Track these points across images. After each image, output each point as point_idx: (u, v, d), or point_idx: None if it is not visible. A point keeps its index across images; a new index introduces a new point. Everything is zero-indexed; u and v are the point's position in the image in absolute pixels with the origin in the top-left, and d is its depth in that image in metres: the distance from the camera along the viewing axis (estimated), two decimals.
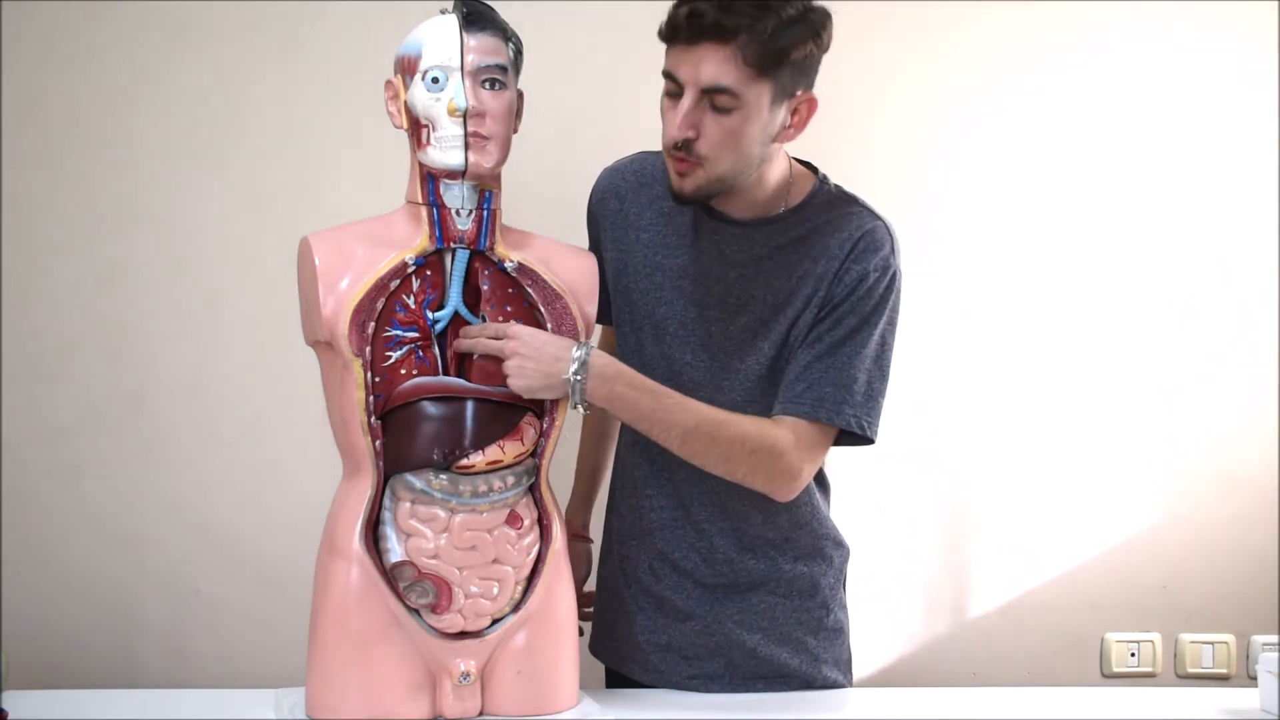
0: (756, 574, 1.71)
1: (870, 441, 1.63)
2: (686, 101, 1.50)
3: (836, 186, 1.69)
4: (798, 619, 1.74)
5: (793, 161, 1.69)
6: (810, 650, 1.75)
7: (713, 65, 1.47)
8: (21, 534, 2.19)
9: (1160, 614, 2.38)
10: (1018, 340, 2.35)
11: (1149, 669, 2.38)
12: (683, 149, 1.53)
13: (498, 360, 1.54)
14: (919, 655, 2.35)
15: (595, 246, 1.77)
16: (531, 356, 1.51)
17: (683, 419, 1.56)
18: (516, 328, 1.53)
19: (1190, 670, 2.38)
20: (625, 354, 1.71)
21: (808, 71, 1.54)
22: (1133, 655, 2.38)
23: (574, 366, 1.52)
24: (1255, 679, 1.70)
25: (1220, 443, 2.37)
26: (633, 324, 1.71)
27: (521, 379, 1.51)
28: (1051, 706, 1.76)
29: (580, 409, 1.55)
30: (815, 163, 1.72)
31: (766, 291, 1.64)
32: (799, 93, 1.54)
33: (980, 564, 2.37)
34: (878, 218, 1.64)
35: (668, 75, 1.53)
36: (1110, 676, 2.38)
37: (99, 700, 1.66)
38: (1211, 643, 2.38)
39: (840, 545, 1.79)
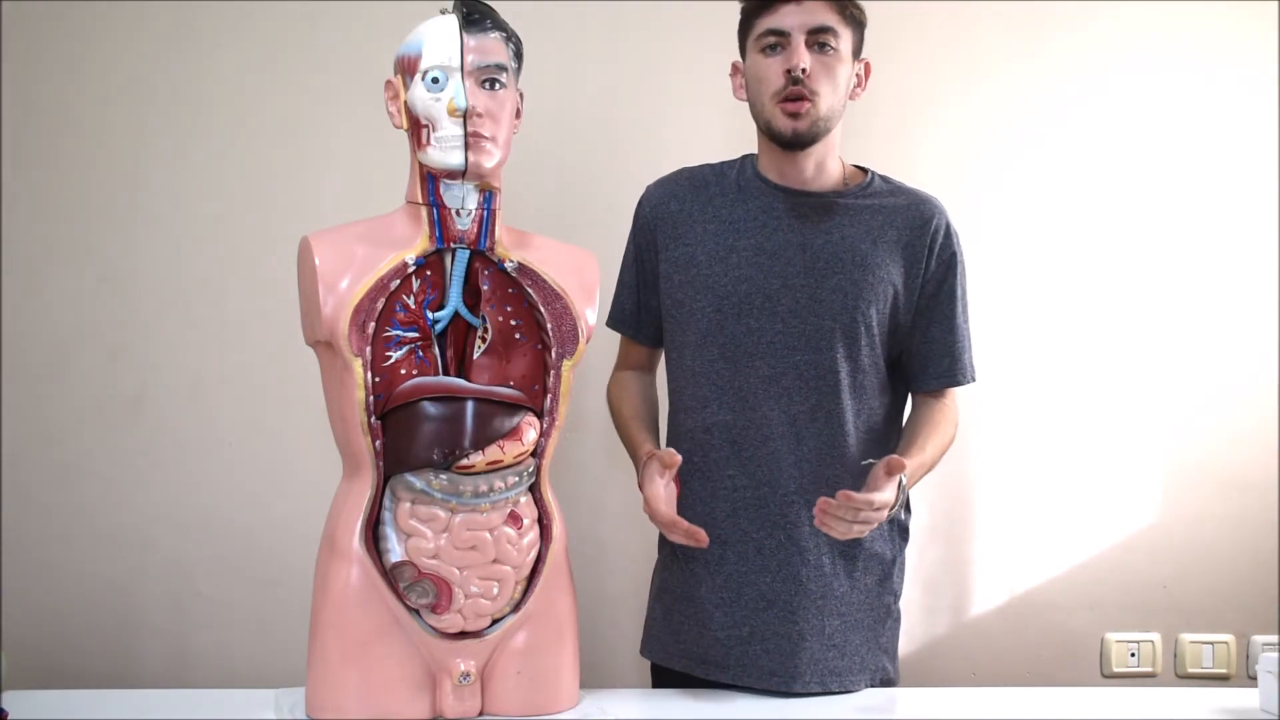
0: (839, 552, 1.74)
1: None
2: (797, 41, 1.70)
3: (884, 175, 1.85)
4: (869, 605, 1.77)
5: (842, 161, 1.83)
6: (876, 639, 1.78)
7: (817, 10, 1.70)
8: (21, 534, 2.19)
9: (1160, 614, 2.38)
10: (1018, 340, 2.35)
11: (1149, 669, 2.38)
12: (799, 83, 1.69)
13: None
14: (919, 655, 2.35)
15: (645, 254, 1.82)
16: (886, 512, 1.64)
17: (935, 458, 1.78)
18: (878, 499, 1.60)
19: (1190, 670, 2.38)
20: (699, 338, 1.75)
21: (863, 38, 1.78)
22: (1133, 655, 2.38)
23: (903, 490, 1.68)
24: (1255, 679, 1.70)
25: (1220, 443, 2.37)
26: (713, 306, 1.75)
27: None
28: (1051, 706, 1.76)
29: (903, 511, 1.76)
30: None
31: (854, 253, 1.75)
32: (861, 56, 1.78)
33: (980, 564, 2.37)
34: (932, 196, 1.84)
35: (770, 33, 1.71)
36: (1110, 676, 2.38)
37: (99, 700, 1.66)
38: (1211, 643, 2.38)
39: (907, 527, 1.85)
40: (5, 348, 2.19)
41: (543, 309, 1.56)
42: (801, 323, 1.73)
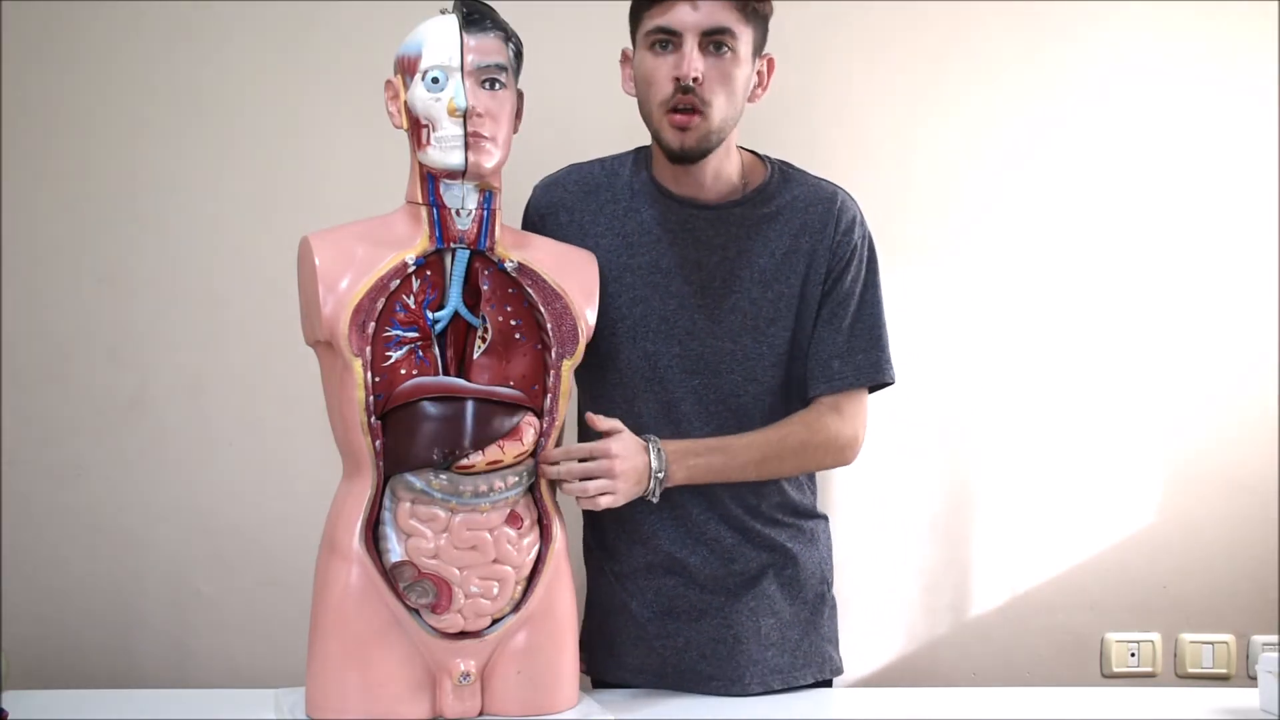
0: (762, 558, 1.72)
1: (892, 383, 1.75)
2: (690, 45, 1.57)
3: (784, 164, 1.76)
4: (803, 598, 1.75)
5: (741, 151, 1.74)
6: (817, 630, 1.77)
7: (715, 9, 1.57)
8: (21, 534, 2.19)
9: (1160, 614, 2.38)
10: (1018, 340, 2.35)
11: (1149, 669, 2.38)
12: (689, 92, 1.58)
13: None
14: (919, 655, 2.35)
15: None
16: (629, 472, 1.56)
17: (750, 455, 1.64)
18: (612, 445, 1.55)
19: (1190, 670, 2.38)
20: (599, 361, 1.71)
21: (767, 31, 1.65)
22: (1133, 655, 2.38)
23: (655, 462, 1.58)
24: (1255, 679, 1.70)
25: (1220, 443, 2.37)
26: (608, 329, 1.69)
27: (621, 493, 1.56)
28: (1051, 706, 1.76)
29: (655, 498, 1.60)
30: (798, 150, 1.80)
31: (752, 270, 1.68)
32: (763, 52, 1.66)
33: (980, 564, 2.37)
34: (837, 187, 1.75)
35: (661, 30, 1.58)
36: (1110, 676, 2.38)
37: (99, 700, 1.66)
38: (1211, 643, 2.38)
39: (823, 516, 1.82)
40: (5, 348, 2.19)
41: (543, 309, 1.56)
42: (700, 345, 1.68)
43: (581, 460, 1.56)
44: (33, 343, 2.19)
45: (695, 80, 1.57)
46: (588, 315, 1.60)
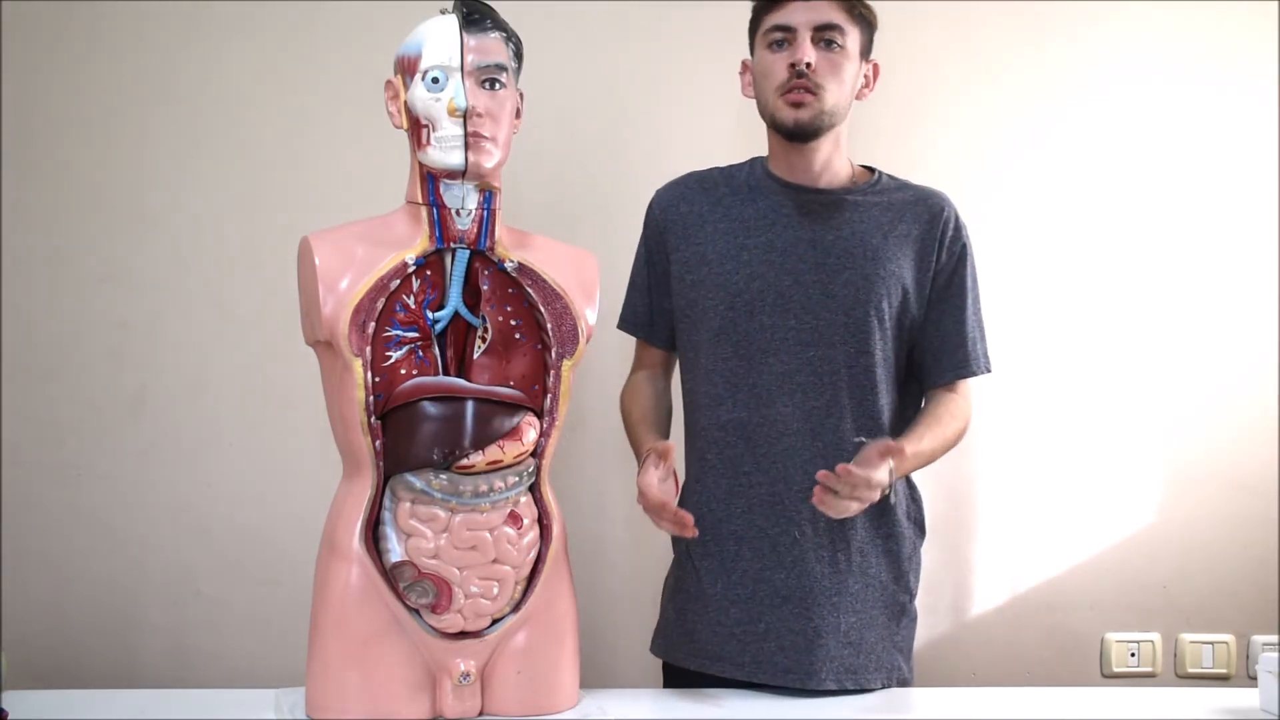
0: (855, 549, 1.74)
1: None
2: (803, 37, 1.72)
3: (889, 174, 1.86)
4: (884, 602, 1.78)
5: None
6: (891, 637, 1.79)
7: (825, 8, 1.73)
8: (21, 534, 2.19)
9: (1160, 614, 2.38)
10: (1018, 340, 2.35)
11: (1149, 669, 2.38)
12: (803, 76, 1.71)
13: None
14: (919, 655, 2.34)
15: (656, 257, 1.83)
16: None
17: (935, 448, 1.77)
18: (885, 479, 1.61)
19: (1190, 670, 2.38)
20: (713, 336, 1.76)
21: (872, 39, 1.80)
22: (1133, 655, 2.38)
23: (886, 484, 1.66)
24: (1255, 679, 1.70)
25: (1220, 443, 2.37)
26: (725, 304, 1.76)
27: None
28: (1051, 706, 1.76)
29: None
30: None
31: (865, 248, 1.76)
32: (870, 57, 1.80)
33: (980, 564, 2.37)
34: (940, 190, 1.86)
35: (777, 28, 1.73)
36: (1110, 676, 2.38)
37: (99, 700, 1.66)
38: (1211, 643, 2.38)
39: (924, 533, 1.86)
40: (5, 348, 2.19)
41: (543, 309, 1.56)
42: (815, 319, 1.74)
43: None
44: (33, 343, 2.20)
45: (808, 65, 1.70)
46: (588, 315, 1.60)
